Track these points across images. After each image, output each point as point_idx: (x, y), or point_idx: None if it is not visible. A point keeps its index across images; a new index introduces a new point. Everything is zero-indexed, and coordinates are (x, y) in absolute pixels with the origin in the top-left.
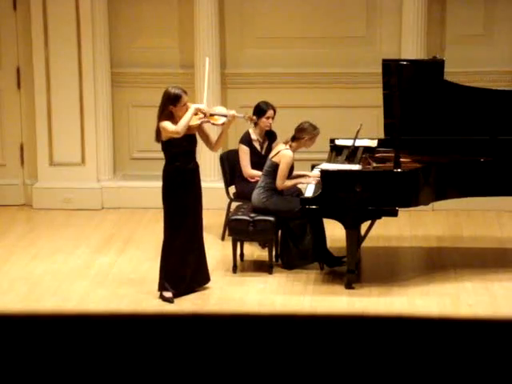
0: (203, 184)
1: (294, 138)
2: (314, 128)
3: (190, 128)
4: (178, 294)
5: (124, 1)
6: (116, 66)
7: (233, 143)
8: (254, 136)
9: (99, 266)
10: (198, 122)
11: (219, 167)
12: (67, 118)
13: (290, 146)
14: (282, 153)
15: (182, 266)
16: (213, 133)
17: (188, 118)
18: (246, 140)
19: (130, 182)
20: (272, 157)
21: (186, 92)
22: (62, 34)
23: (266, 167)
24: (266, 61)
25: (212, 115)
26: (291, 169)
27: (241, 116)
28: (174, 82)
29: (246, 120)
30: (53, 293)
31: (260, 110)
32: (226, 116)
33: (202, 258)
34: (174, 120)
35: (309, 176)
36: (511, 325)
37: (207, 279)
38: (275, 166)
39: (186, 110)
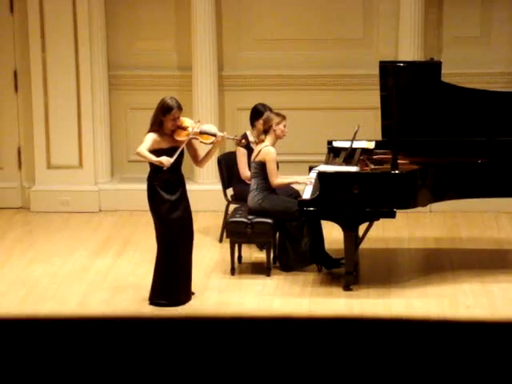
0: (201, 186)
1: (264, 133)
2: (277, 114)
3: (176, 141)
4: (169, 304)
5: (121, 4)
6: (113, 69)
7: (230, 145)
8: (251, 138)
9: (97, 269)
10: (186, 138)
11: (217, 169)
12: (65, 120)
13: (264, 142)
14: (264, 150)
15: (175, 281)
16: (201, 149)
17: (149, 159)
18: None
19: (128, 184)
20: (254, 158)
21: (181, 107)
22: (60, 36)
23: (252, 170)
24: (263, 63)
25: (202, 133)
26: (276, 165)
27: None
28: (171, 84)
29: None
30: (50, 296)
31: (257, 113)
32: (213, 135)
33: (189, 273)
34: (162, 130)
35: (297, 181)
36: (509, 326)
37: (190, 296)
38: (261, 165)
39: (174, 124)
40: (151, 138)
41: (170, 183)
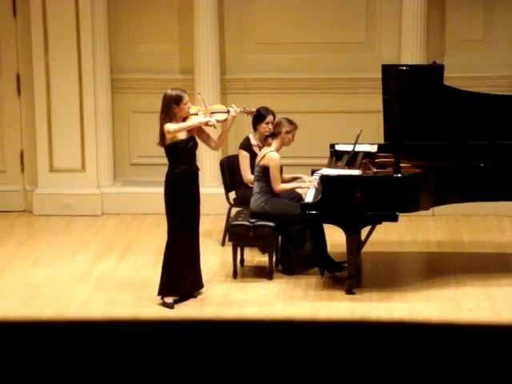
0: (203, 190)
1: (272, 136)
2: (290, 122)
3: (192, 129)
4: (178, 300)
5: (124, 7)
6: (116, 72)
7: (233, 148)
8: (253, 141)
9: (99, 272)
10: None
11: (219, 173)
12: (67, 124)
13: (270, 145)
14: (268, 155)
15: (183, 273)
16: (211, 131)
17: (189, 125)
18: (246, 145)
19: (130, 187)
20: (259, 161)
21: (185, 91)
22: (62, 40)
23: (255, 173)
24: (265, 66)
25: (214, 113)
26: (280, 170)
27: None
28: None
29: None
30: (53, 299)
31: (259, 116)
32: (226, 112)
33: (198, 263)
34: (176, 121)
35: (302, 178)
36: None
37: (202, 285)
38: (265, 170)
39: (188, 109)
40: (172, 125)
41: (189, 174)
